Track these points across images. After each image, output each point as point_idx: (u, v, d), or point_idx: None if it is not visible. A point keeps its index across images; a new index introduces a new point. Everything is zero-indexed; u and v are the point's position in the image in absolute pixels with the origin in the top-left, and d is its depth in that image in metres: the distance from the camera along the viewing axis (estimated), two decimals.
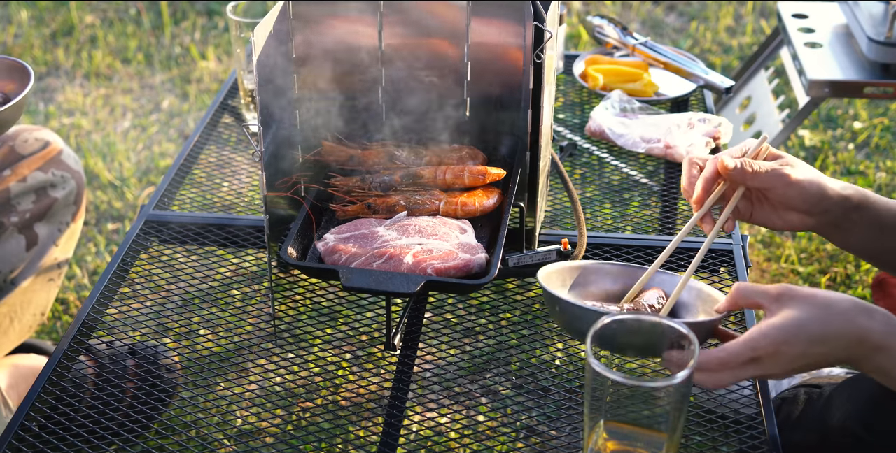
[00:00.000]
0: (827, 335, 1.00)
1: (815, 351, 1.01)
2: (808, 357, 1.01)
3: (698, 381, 1.03)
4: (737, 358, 1.01)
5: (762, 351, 1.01)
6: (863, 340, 1.00)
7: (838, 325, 1.01)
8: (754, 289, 1.06)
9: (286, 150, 1.33)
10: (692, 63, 1.88)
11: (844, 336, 1.00)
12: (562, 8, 1.71)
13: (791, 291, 1.03)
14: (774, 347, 1.00)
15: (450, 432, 1.30)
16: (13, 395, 1.63)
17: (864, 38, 2.16)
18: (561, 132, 1.77)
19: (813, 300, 1.02)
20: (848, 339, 1.01)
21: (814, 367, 1.05)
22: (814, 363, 1.03)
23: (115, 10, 3.65)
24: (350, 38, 1.35)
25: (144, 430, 1.21)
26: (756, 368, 1.02)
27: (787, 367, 1.02)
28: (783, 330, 1.00)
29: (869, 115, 2.93)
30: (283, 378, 1.27)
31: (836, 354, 1.01)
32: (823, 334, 1.00)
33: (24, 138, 1.65)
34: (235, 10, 1.66)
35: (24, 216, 1.62)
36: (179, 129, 2.95)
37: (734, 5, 3.61)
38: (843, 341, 1.01)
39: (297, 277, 1.40)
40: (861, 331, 1.00)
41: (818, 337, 1.00)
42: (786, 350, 1.00)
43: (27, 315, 1.70)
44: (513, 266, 1.34)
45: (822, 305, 1.02)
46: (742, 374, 1.03)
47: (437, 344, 1.32)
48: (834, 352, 1.01)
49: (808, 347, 1.00)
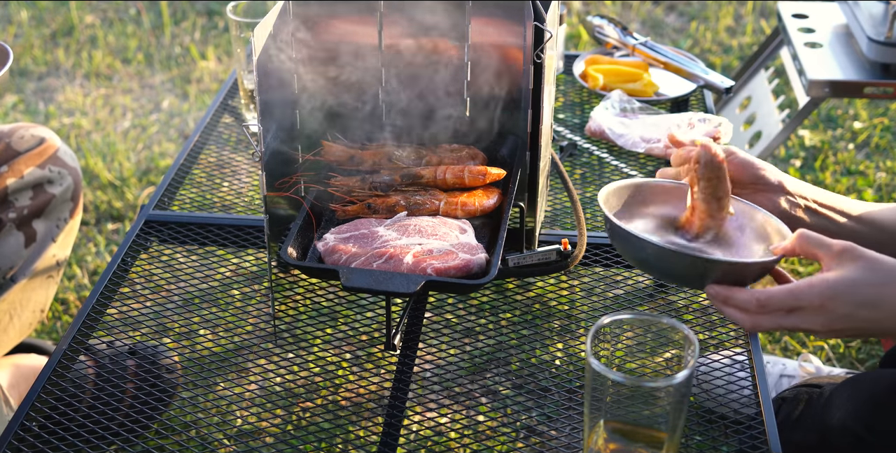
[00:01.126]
0: (881, 301, 0.97)
1: (862, 315, 0.98)
2: (854, 320, 0.98)
3: (736, 319, 1.01)
4: (778, 303, 0.99)
5: (806, 303, 0.98)
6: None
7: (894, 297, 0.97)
8: (817, 239, 1.03)
9: (286, 150, 1.33)
10: (692, 63, 1.88)
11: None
12: (562, 8, 1.71)
13: (855, 250, 1.00)
14: (820, 301, 0.97)
15: (450, 432, 1.30)
16: (14, 395, 1.63)
17: (864, 38, 2.16)
18: (561, 132, 1.77)
19: (875, 264, 0.99)
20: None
21: (860, 334, 1.01)
22: (860, 328, 0.99)
23: (115, 10, 3.65)
24: (350, 38, 1.35)
25: (144, 430, 1.21)
26: (797, 319, 1.00)
27: (829, 326, 0.99)
28: (833, 286, 0.97)
29: (869, 115, 2.93)
30: (283, 378, 1.27)
31: (885, 323, 0.98)
32: (877, 299, 0.97)
33: (21, 135, 1.66)
34: (235, 10, 1.66)
35: (21, 212, 1.62)
36: (179, 129, 2.95)
37: (734, 5, 3.61)
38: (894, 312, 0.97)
39: (297, 277, 1.40)
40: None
41: (870, 300, 0.97)
42: (831, 306, 0.97)
43: (27, 312, 1.70)
44: (513, 266, 1.34)
45: (883, 273, 0.98)
46: (782, 322, 1.00)
47: (437, 345, 1.32)
48: (883, 320, 0.98)
49: (856, 309, 0.97)
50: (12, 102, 3.10)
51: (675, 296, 1.43)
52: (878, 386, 1.32)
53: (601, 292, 1.40)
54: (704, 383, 1.26)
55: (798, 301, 0.99)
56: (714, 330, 1.32)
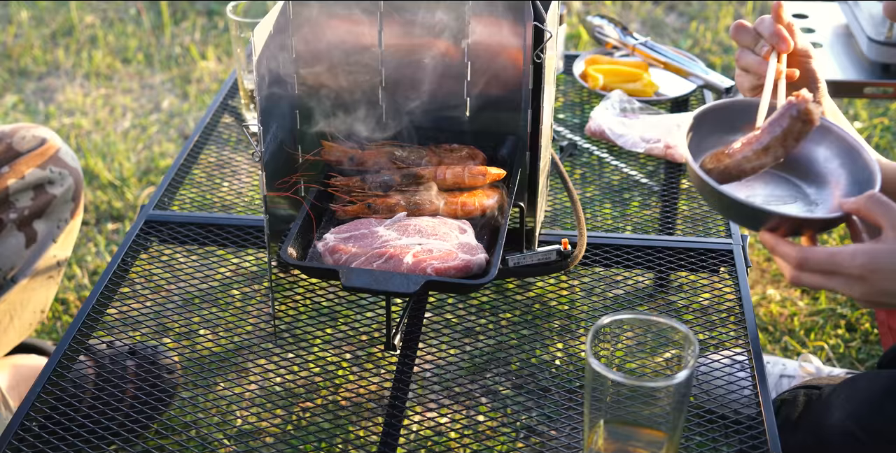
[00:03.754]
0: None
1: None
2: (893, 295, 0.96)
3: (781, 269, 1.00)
4: (816, 265, 0.98)
5: (845, 270, 0.97)
6: None
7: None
8: (886, 205, 1.00)
9: (286, 150, 1.33)
10: (692, 63, 1.88)
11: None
12: (562, 8, 1.71)
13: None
14: (860, 271, 0.96)
15: (450, 432, 1.30)
16: (13, 395, 1.63)
17: (864, 38, 2.16)
18: (561, 132, 1.77)
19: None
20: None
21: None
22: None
23: (115, 10, 3.65)
24: (350, 38, 1.35)
25: (144, 430, 1.21)
26: (837, 283, 0.98)
27: (868, 297, 0.98)
28: (877, 259, 0.95)
29: (869, 115, 2.93)
30: (283, 378, 1.27)
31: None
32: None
33: (22, 135, 1.66)
34: (235, 10, 1.66)
35: (22, 213, 1.62)
36: (179, 129, 2.95)
37: (734, 5, 3.61)
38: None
39: (297, 277, 1.40)
40: None
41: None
42: (872, 279, 0.96)
43: (27, 313, 1.70)
44: (513, 266, 1.34)
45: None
46: (822, 282, 0.99)
47: (437, 345, 1.32)
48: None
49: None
50: (12, 102, 3.10)
51: (675, 296, 1.43)
52: (874, 387, 1.32)
53: (601, 292, 1.40)
54: (704, 383, 1.26)
55: (837, 266, 0.97)
56: (714, 330, 1.32)
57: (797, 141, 1.10)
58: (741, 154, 1.12)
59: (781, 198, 1.18)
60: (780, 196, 1.18)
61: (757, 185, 1.19)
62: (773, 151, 1.10)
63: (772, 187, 1.19)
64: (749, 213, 1.06)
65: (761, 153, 1.11)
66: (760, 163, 1.11)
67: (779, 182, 1.20)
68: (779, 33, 1.12)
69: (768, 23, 1.14)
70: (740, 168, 1.12)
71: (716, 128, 1.19)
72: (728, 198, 1.07)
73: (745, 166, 1.12)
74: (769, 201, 1.17)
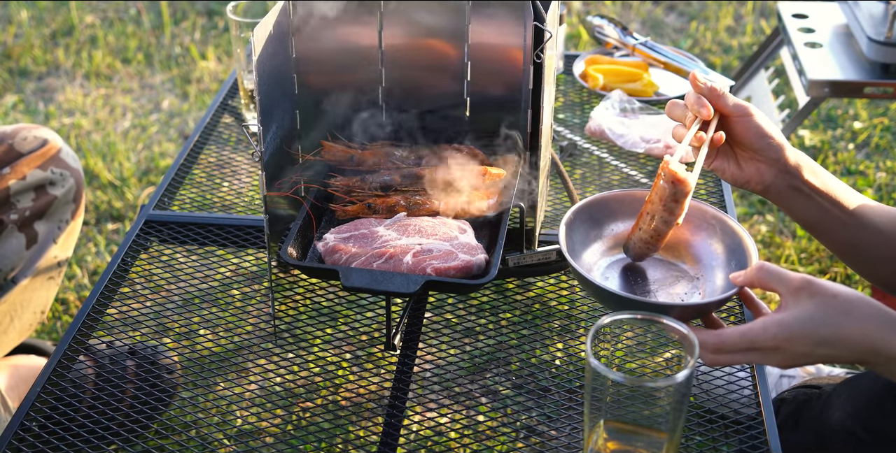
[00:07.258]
0: (838, 341, 0.98)
1: (821, 352, 0.99)
2: (812, 356, 0.99)
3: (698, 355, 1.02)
4: (732, 346, 1.00)
5: (760, 345, 0.99)
6: (877, 352, 0.98)
7: (852, 335, 0.98)
8: (777, 274, 1.02)
9: (286, 150, 1.33)
10: (692, 63, 1.88)
11: (857, 346, 0.98)
12: (562, 8, 1.71)
13: (812, 287, 0.99)
14: (774, 343, 0.99)
15: (450, 432, 1.30)
16: (13, 396, 1.63)
17: (864, 38, 2.16)
18: (561, 132, 1.77)
19: (832, 302, 0.99)
20: (861, 349, 0.98)
21: (821, 362, 1.03)
22: (819, 361, 1.01)
23: (115, 10, 3.65)
24: (350, 38, 1.35)
25: (144, 430, 1.21)
26: (755, 357, 1.01)
27: (788, 362, 1.00)
28: (789, 327, 0.98)
29: (869, 115, 2.93)
30: (283, 378, 1.27)
31: (844, 357, 1.00)
32: (834, 339, 0.98)
33: (23, 136, 1.66)
34: (235, 10, 1.66)
35: (23, 214, 1.62)
36: (179, 129, 2.96)
37: (734, 5, 3.61)
38: (854, 349, 0.98)
39: (297, 277, 1.40)
40: (876, 343, 0.98)
41: (827, 340, 0.98)
42: (788, 347, 0.98)
43: (27, 313, 1.70)
44: (513, 266, 1.34)
45: (840, 310, 0.98)
46: (741, 359, 1.01)
47: (437, 345, 1.32)
48: (842, 356, 0.99)
49: (815, 348, 0.98)
50: (12, 102, 3.10)
51: None
52: (875, 387, 1.32)
53: None
54: (704, 383, 1.26)
55: (752, 343, 1.00)
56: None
57: (677, 202, 1.12)
58: (638, 228, 1.18)
59: (665, 281, 1.22)
60: (663, 279, 1.23)
61: (638, 275, 1.24)
62: (660, 217, 1.14)
63: (651, 272, 1.24)
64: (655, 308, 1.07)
65: (650, 222, 1.15)
66: (657, 232, 1.15)
67: (656, 266, 1.24)
68: (697, 101, 1.14)
69: (690, 93, 1.17)
70: (644, 241, 1.17)
71: (584, 225, 1.24)
72: (627, 299, 1.10)
73: (645, 238, 1.17)
74: (658, 289, 1.21)
